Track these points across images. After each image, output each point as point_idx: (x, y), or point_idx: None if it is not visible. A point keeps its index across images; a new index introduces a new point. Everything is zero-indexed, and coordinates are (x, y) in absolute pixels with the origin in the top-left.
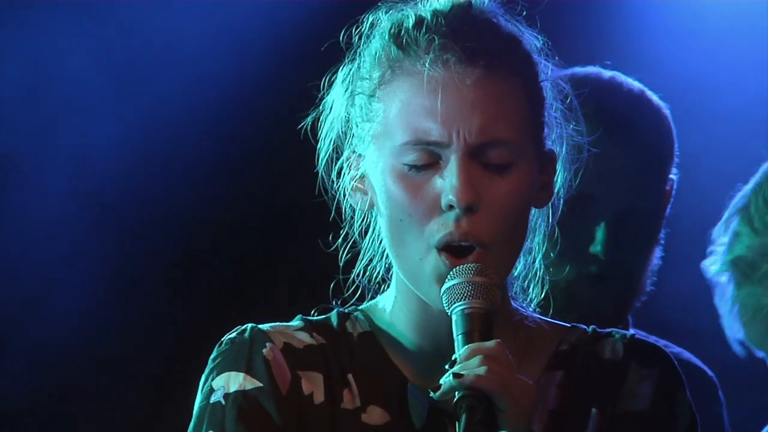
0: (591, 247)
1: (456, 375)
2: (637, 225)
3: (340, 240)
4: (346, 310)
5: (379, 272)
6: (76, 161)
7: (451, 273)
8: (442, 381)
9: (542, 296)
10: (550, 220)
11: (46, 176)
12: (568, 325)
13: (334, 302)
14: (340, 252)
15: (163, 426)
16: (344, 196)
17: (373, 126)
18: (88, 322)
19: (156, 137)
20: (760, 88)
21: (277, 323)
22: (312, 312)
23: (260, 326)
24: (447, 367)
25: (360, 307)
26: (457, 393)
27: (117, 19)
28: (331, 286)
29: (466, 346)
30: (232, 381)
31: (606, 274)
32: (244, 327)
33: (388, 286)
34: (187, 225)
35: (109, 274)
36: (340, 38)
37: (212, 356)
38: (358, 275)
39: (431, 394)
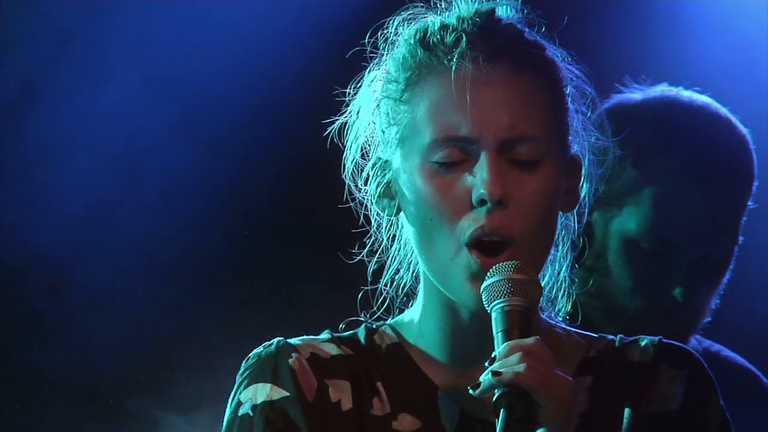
0: (670, 290)
1: (495, 372)
2: (718, 269)
3: (365, 251)
4: (374, 325)
5: (406, 283)
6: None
7: (490, 271)
8: (481, 378)
9: (569, 307)
10: (576, 229)
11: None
12: (596, 336)
13: (362, 315)
14: (368, 263)
15: None
16: (371, 203)
17: (400, 129)
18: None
19: (177, 151)
20: None
21: (305, 336)
22: (340, 326)
23: (288, 340)
24: (486, 364)
25: (387, 322)
26: (496, 390)
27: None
28: (359, 297)
29: (504, 344)
30: (260, 392)
31: (678, 313)
32: (271, 342)
33: (416, 299)
34: (212, 235)
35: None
36: (365, 43)
37: (240, 371)
38: (385, 286)
39: (471, 391)
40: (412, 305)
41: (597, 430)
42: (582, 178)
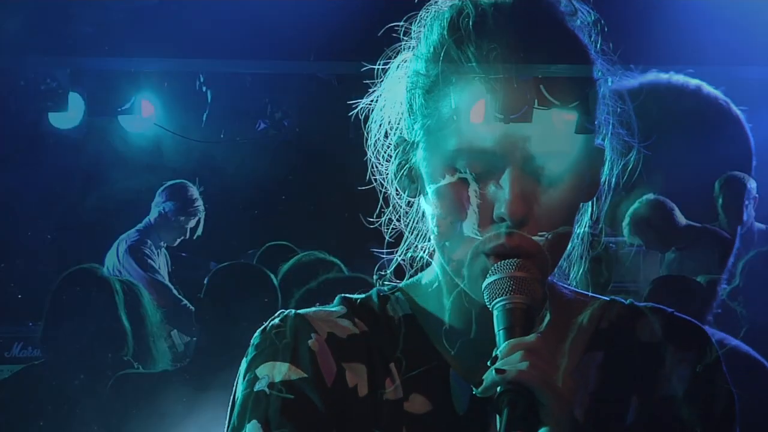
0: (685, 272)
1: (498, 370)
2: (726, 248)
3: (384, 218)
4: (387, 290)
5: (420, 256)
6: None
7: (492, 269)
8: (484, 377)
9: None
10: (595, 211)
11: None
12: (607, 299)
13: (375, 280)
14: (385, 230)
15: None
16: (391, 181)
17: (427, 121)
18: None
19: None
20: None
21: (319, 308)
22: (355, 291)
23: (302, 312)
24: (489, 363)
25: (401, 285)
26: (498, 388)
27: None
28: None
29: (506, 342)
30: (277, 370)
31: (694, 293)
32: (287, 313)
33: (433, 260)
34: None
35: None
36: (401, 23)
37: (255, 342)
38: (401, 254)
39: (474, 391)
40: (427, 267)
41: (606, 412)
42: (605, 164)
